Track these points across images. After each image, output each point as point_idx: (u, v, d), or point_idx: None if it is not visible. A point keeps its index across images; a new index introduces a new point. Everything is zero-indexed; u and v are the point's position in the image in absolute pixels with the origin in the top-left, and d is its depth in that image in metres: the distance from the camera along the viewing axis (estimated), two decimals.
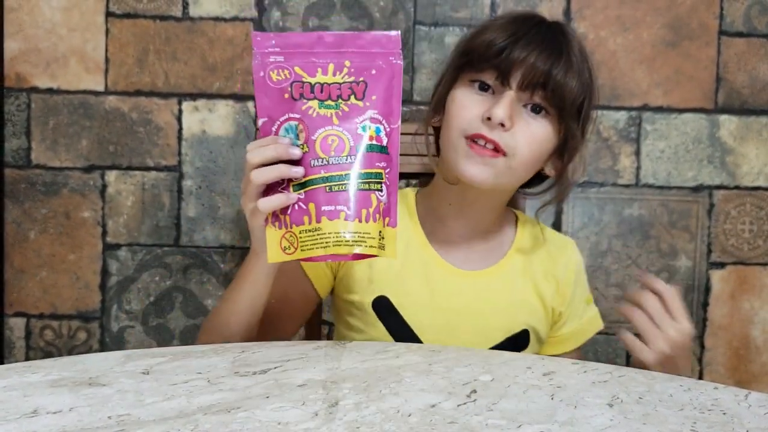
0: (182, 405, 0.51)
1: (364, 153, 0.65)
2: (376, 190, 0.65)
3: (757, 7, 1.28)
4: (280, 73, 0.66)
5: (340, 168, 0.64)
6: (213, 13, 1.28)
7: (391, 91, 0.67)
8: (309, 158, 0.64)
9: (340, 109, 0.65)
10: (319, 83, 0.65)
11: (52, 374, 0.58)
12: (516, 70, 0.75)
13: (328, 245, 0.63)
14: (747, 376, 1.31)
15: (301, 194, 0.64)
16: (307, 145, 0.65)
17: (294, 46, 0.67)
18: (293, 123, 0.65)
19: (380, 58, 0.67)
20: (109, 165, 1.29)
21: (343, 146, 0.65)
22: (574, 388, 0.58)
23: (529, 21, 0.79)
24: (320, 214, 0.64)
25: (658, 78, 1.29)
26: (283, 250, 0.65)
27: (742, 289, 1.31)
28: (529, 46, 0.75)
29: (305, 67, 0.66)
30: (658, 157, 1.30)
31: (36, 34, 1.28)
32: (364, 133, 0.65)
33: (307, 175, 0.64)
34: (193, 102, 1.29)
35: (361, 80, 0.66)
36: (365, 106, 0.66)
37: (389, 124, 0.66)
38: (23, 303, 1.31)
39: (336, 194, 0.64)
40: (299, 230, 0.64)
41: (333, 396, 0.54)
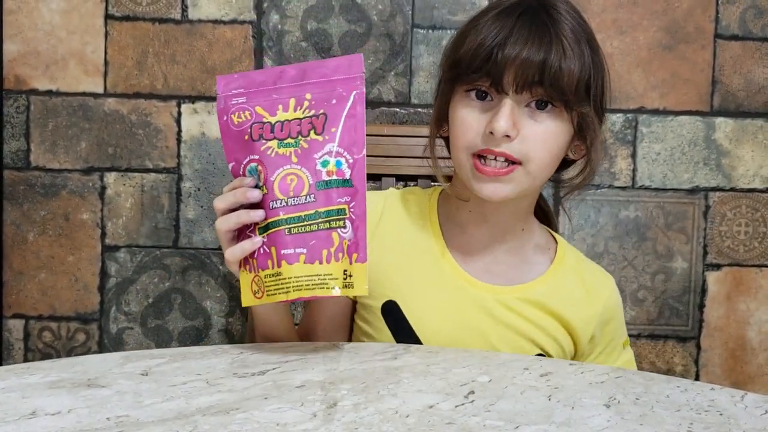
0: (181, 406, 0.51)
1: (324, 190, 0.63)
2: (338, 227, 0.63)
3: (752, 11, 1.29)
4: (241, 115, 0.65)
5: (299, 209, 0.63)
6: (212, 16, 1.28)
7: (354, 119, 0.65)
8: (268, 200, 0.63)
9: (299, 147, 0.64)
10: (279, 121, 0.64)
11: (51, 375, 0.58)
12: (508, 72, 0.70)
13: (289, 290, 0.63)
14: (743, 377, 1.32)
15: (264, 237, 0.63)
16: (266, 186, 0.63)
17: (257, 85, 0.66)
18: (253, 165, 0.64)
19: (341, 85, 0.65)
20: (108, 167, 1.30)
21: (302, 185, 0.63)
22: (571, 389, 0.59)
23: (511, 12, 0.72)
24: (281, 258, 0.62)
25: (655, 81, 1.29)
26: (253, 294, 0.65)
27: (738, 291, 1.31)
28: (517, 43, 0.69)
29: (266, 105, 0.65)
30: (654, 160, 1.30)
31: (35, 37, 1.28)
32: (323, 168, 0.63)
33: (268, 218, 0.63)
34: (192, 104, 1.29)
35: (321, 113, 0.64)
36: (324, 140, 0.64)
37: (352, 155, 0.64)
38: (22, 304, 1.31)
39: (295, 236, 0.62)
40: (264, 274, 0.64)
41: (331, 397, 0.54)
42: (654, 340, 1.31)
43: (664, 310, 1.31)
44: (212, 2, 1.28)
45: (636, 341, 1.31)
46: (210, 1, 1.28)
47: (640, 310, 1.31)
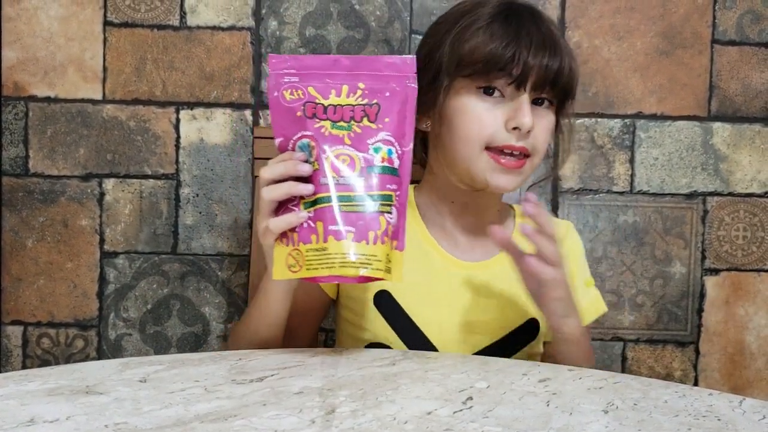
0: (179, 413, 0.51)
1: (376, 174, 0.64)
2: (385, 212, 0.64)
3: (749, 16, 1.29)
4: (294, 92, 0.66)
5: (350, 188, 0.64)
6: (210, 22, 1.28)
7: (405, 114, 0.66)
8: (319, 176, 0.64)
9: (352, 131, 0.65)
10: (332, 105, 0.65)
11: (49, 383, 0.58)
12: (532, 74, 0.76)
13: (334, 266, 0.63)
14: (742, 382, 1.32)
15: (310, 212, 0.64)
16: (317, 162, 0.64)
17: (309, 68, 0.67)
18: (306, 140, 0.65)
19: (394, 80, 0.67)
20: (106, 173, 1.30)
21: (353, 166, 0.64)
22: (569, 395, 0.59)
23: (517, 15, 0.78)
24: (327, 234, 0.63)
25: (652, 86, 1.30)
26: (288, 268, 0.65)
27: (737, 295, 1.31)
28: (539, 50, 0.76)
29: (319, 88, 0.66)
30: (652, 165, 1.30)
31: (34, 43, 1.28)
32: (376, 154, 0.65)
33: (317, 193, 0.64)
34: (191, 110, 1.29)
35: (374, 102, 0.66)
36: (378, 128, 0.65)
37: (401, 146, 0.66)
38: (20, 311, 1.31)
39: (344, 214, 0.63)
40: (306, 248, 0.63)
41: (330, 403, 0.54)
42: (653, 345, 1.31)
43: (662, 315, 1.31)
44: (211, 9, 1.28)
45: (635, 346, 1.31)
46: (208, 7, 1.28)
47: (639, 315, 1.31)
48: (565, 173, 1.31)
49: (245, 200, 1.30)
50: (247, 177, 1.29)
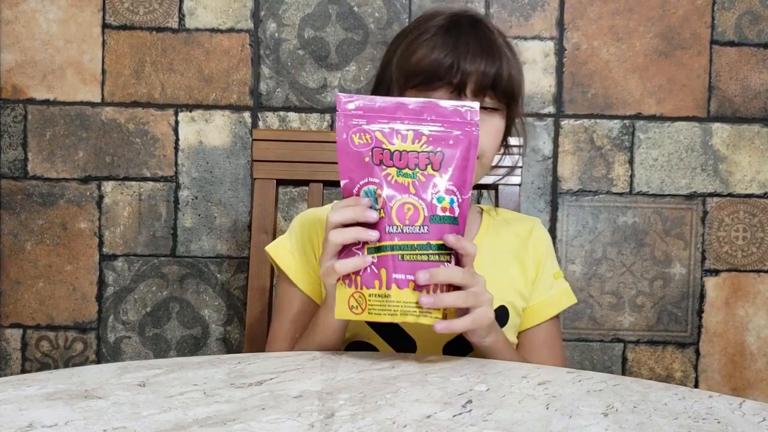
0: (178, 417, 0.51)
1: (437, 224, 0.66)
2: (445, 261, 0.66)
3: (747, 16, 1.29)
4: (362, 137, 0.68)
5: (414, 237, 0.66)
6: (209, 25, 1.28)
7: (467, 162, 0.68)
8: (384, 224, 0.66)
9: (416, 178, 0.67)
10: (398, 151, 0.67)
11: (48, 387, 0.58)
12: (470, 81, 0.80)
13: (396, 313, 0.65)
14: (742, 382, 1.32)
15: (374, 258, 0.66)
16: (383, 210, 0.66)
17: (376, 111, 0.68)
18: (372, 187, 0.67)
19: (457, 128, 0.69)
20: (105, 176, 1.30)
21: (417, 216, 0.66)
22: (569, 398, 0.58)
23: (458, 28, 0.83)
24: (391, 281, 0.65)
25: (651, 87, 1.30)
26: (350, 309, 0.67)
27: (737, 296, 1.31)
28: (476, 57, 0.79)
29: (386, 133, 0.68)
30: (651, 166, 1.30)
31: (32, 46, 1.28)
32: (438, 204, 0.66)
33: (382, 241, 0.66)
34: (190, 113, 1.29)
35: (438, 150, 0.67)
36: (441, 177, 0.67)
37: (461, 194, 0.68)
38: (19, 314, 1.30)
39: (408, 263, 0.65)
40: (369, 293, 0.66)
41: (329, 407, 0.54)
42: (653, 346, 1.31)
43: (662, 316, 1.31)
44: (209, 11, 1.28)
45: (635, 347, 1.31)
46: (207, 10, 1.28)
47: (639, 316, 1.31)
48: (565, 174, 1.31)
49: (244, 202, 1.30)
50: (246, 179, 1.29)
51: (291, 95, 1.29)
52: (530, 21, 1.29)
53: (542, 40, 1.29)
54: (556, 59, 1.29)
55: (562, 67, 1.29)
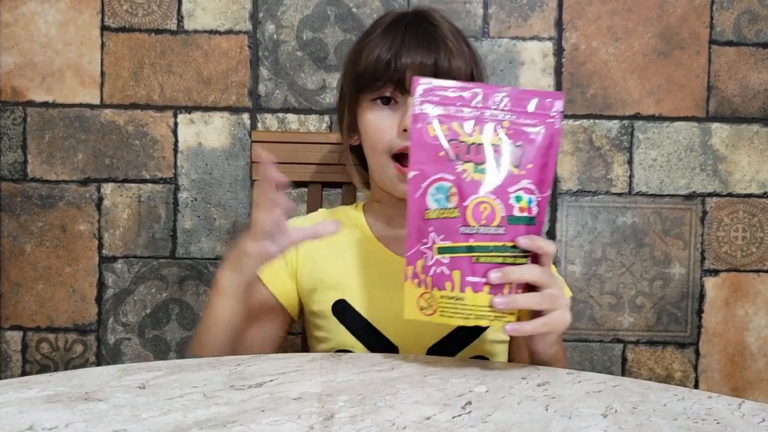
0: (178, 419, 0.51)
1: (514, 225, 0.62)
2: (521, 263, 0.63)
3: (746, 16, 1.29)
4: (439, 127, 0.63)
5: (489, 239, 0.62)
6: (208, 27, 1.28)
7: (547, 158, 0.64)
8: (458, 225, 0.62)
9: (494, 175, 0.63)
10: (475, 144, 0.63)
11: (48, 389, 0.58)
12: (408, 75, 0.77)
13: (470, 317, 0.62)
14: (742, 382, 1.32)
15: (445, 258, 0.63)
16: (458, 210, 0.62)
17: (454, 99, 0.64)
18: (446, 184, 0.63)
19: (539, 120, 0.64)
20: (105, 178, 1.30)
21: (493, 216, 0.62)
22: (568, 399, 0.59)
23: (398, 25, 0.82)
24: (464, 285, 0.62)
25: (650, 87, 1.30)
26: (420, 309, 0.64)
27: (736, 296, 1.31)
28: (411, 50, 0.78)
29: (463, 124, 0.64)
30: (650, 166, 1.30)
31: (32, 49, 1.28)
32: (516, 204, 0.62)
33: (455, 242, 0.62)
34: (189, 115, 1.29)
35: (518, 144, 0.63)
36: (520, 175, 0.63)
37: (540, 193, 0.63)
38: (19, 316, 1.31)
39: (483, 265, 0.62)
40: (440, 295, 0.63)
41: (328, 409, 0.54)
42: (653, 346, 1.31)
43: (662, 317, 1.31)
44: (208, 13, 1.28)
45: (635, 347, 1.31)
46: (206, 11, 1.28)
47: (639, 316, 1.31)
48: (564, 175, 1.31)
49: (243, 204, 1.30)
50: (245, 181, 1.29)
51: (290, 97, 1.29)
52: (529, 21, 1.29)
53: (541, 40, 1.29)
54: (554, 59, 1.29)
55: (561, 67, 1.29)
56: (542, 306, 0.64)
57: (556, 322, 0.65)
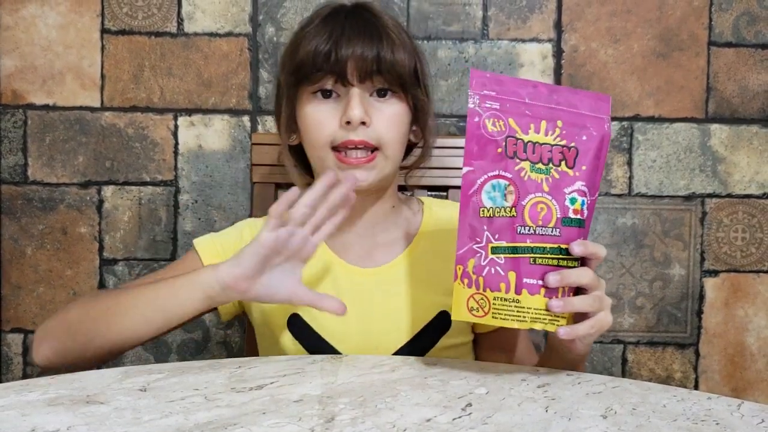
0: (179, 422, 0.52)
1: (568, 227, 0.62)
2: (572, 266, 0.62)
3: (745, 17, 1.30)
4: (496, 123, 0.62)
5: (545, 240, 0.61)
6: (208, 29, 1.29)
7: (598, 162, 0.63)
8: (516, 224, 0.61)
9: (550, 175, 0.62)
10: (531, 142, 0.62)
11: (50, 392, 0.58)
12: (349, 66, 0.76)
13: (525, 320, 0.61)
14: (742, 383, 1.32)
15: (500, 259, 0.61)
16: (515, 209, 0.61)
17: (510, 94, 0.63)
18: (503, 182, 0.62)
19: (591, 122, 0.63)
20: (105, 180, 1.30)
21: (550, 217, 0.62)
22: (568, 400, 0.59)
23: (338, 15, 0.80)
24: (521, 286, 0.61)
25: (649, 88, 1.30)
26: (469, 310, 0.62)
27: (736, 297, 1.31)
28: (352, 41, 0.76)
29: (519, 121, 0.63)
30: (650, 167, 1.31)
31: (32, 52, 1.29)
32: (570, 205, 0.62)
33: (513, 242, 0.61)
34: (189, 117, 1.29)
35: (572, 146, 0.63)
36: (575, 176, 0.62)
37: (590, 196, 0.63)
38: (20, 319, 1.31)
39: (539, 267, 0.61)
40: (494, 296, 0.61)
41: (329, 411, 0.54)
42: (653, 347, 1.31)
43: (662, 317, 1.32)
44: (208, 15, 1.29)
45: (635, 348, 1.32)
46: (206, 14, 1.29)
47: (639, 317, 1.31)
48: None
49: (244, 206, 1.30)
50: (245, 183, 1.29)
51: None
52: (528, 23, 1.29)
53: (540, 42, 1.29)
54: (554, 61, 1.29)
55: (560, 69, 1.30)
56: (593, 308, 0.63)
57: (603, 323, 0.65)
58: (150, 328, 0.74)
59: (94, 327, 0.75)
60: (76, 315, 0.77)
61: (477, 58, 1.29)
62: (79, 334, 0.75)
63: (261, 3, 1.29)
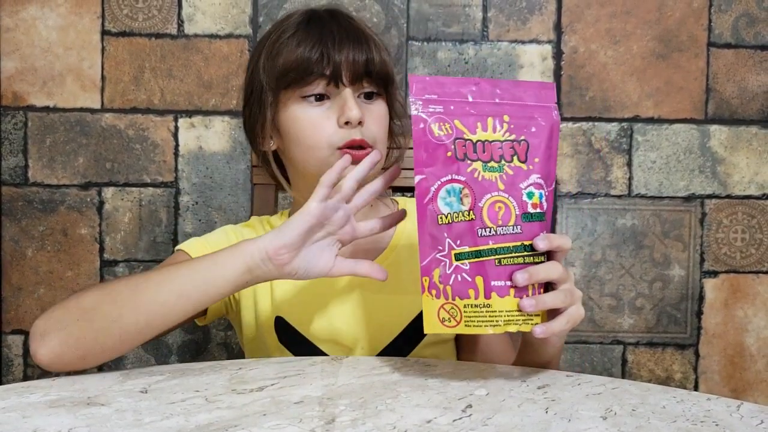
0: (180, 424, 0.52)
1: (528, 222, 0.60)
2: (540, 262, 0.61)
3: (744, 19, 1.30)
4: (442, 127, 0.61)
5: (507, 239, 0.60)
6: (208, 31, 1.29)
7: (550, 150, 0.62)
8: (476, 227, 0.60)
9: (504, 172, 0.61)
10: (480, 141, 0.61)
11: (51, 394, 0.58)
12: (343, 69, 0.77)
13: (499, 324, 0.59)
14: (742, 383, 1.32)
15: (464, 264, 0.60)
16: (473, 212, 0.60)
17: (451, 95, 0.62)
18: (458, 186, 0.60)
19: (538, 112, 0.63)
20: (106, 182, 1.30)
21: (509, 215, 0.60)
22: (568, 401, 0.59)
23: (319, 21, 0.81)
24: (490, 290, 0.59)
25: (649, 89, 1.30)
26: (441, 321, 0.61)
27: (736, 297, 1.32)
28: (342, 44, 0.78)
29: (465, 121, 0.61)
30: (649, 168, 1.31)
31: (32, 53, 1.29)
32: (528, 200, 0.61)
33: (475, 245, 0.60)
34: (189, 118, 1.30)
35: (522, 139, 0.61)
36: (529, 170, 0.61)
37: (547, 187, 0.62)
38: (21, 320, 1.31)
39: (505, 268, 0.59)
40: (463, 304, 0.60)
41: (330, 413, 0.54)
42: (652, 347, 1.32)
43: (662, 318, 1.32)
44: (208, 17, 1.29)
45: (635, 349, 1.32)
46: (206, 16, 1.29)
47: (638, 318, 1.32)
48: (563, 177, 1.31)
49: (244, 207, 1.30)
50: (246, 184, 1.30)
51: None
52: (528, 25, 1.30)
53: (540, 43, 1.30)
54: (553, 62, 1.30)
55: (560, 70, 1.30)
56: (565, 303, 0.63)
57: (576, 317, 0.64)
58: (186, 303, 0.69)
59: (116, 309, 0.68)
60: (91, 300, 0.70)
61: (477, 60, 1.29)
62: (97, 319, 0.68)
63: (261, 5, 1.29)
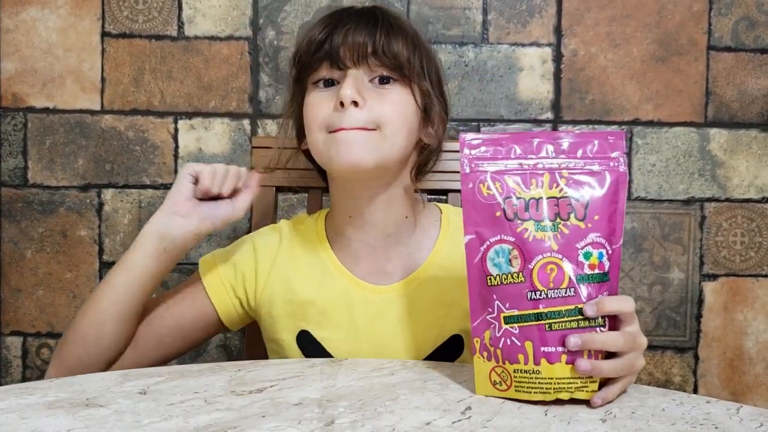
0: (179, 425, 0.52)
1: (585, 284, 0.58)
2: (598, 326, 0.58)
3: (744, 22, 1.30)
4: (491, 186, 0.59)
5: (559, 302, 0.57)
6: (208, 33, 1.29)
7: (615, 206, 0.59)
8: (524, 290, 0.58)
9: (558, 231, 0.58)
10: (533, 198, 0.59)
11: (49, 395, 0.58)
12: (343, 50, 0.75)
13: (549, 391, 0.58)
14: (741, 387, 1.32)
15: (514, 328, 0.58)
16: (523, 273, 0.58)
17: (506, 152, 0.60)
18: (507, 247, 0.58)
19: (600, 162, 0.59)
20: (105, 183, 1.30)
21: (562, 277, 0.57)
22: (567, 404, 0.59)
23: (342, 11, 0.80)
24: (539, 356, 0.57)
25: (649, 93, 1.30)
26: (493, 385, 0.60)
27: (735, 301, 1.32)
28: (346, 26, 0.76)
29: (519, 179, 0.59)
30: (649, 171, 1.31)
31: (32, 55, 1.29)
32: (585, 261, 0.58)
33: (524, 309, 0.58)
34: (189, 120, 1.30)
35: (580, 195, 0.59)
36: (587, 228, 0.58)
37: (611, 245, 0.59)
38: (20, 322, 1.31)
39: (556, 333, 0.57)
40: (513, 368, 0.58)
41: (329, 415, 0.54)
42: (652, 351, 1.31)
43: (661, 321, 1.32)
44: (208, 19, 1.29)
45: None
46: (206, 17, 1.29)
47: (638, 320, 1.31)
48: None
49: None
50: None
51: None
52: (528, 28, 1.30)
53: (540, 46, 1.30)
54: (553, 65, 1.30)
55: (560, 73, 1.30)
56: (623, 372, 0.60)
57: (628, 386, 0.62)
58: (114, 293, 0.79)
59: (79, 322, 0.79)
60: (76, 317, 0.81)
61: (477, 63, 1.29)
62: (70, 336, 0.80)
63: (261, 6, 1.29)
